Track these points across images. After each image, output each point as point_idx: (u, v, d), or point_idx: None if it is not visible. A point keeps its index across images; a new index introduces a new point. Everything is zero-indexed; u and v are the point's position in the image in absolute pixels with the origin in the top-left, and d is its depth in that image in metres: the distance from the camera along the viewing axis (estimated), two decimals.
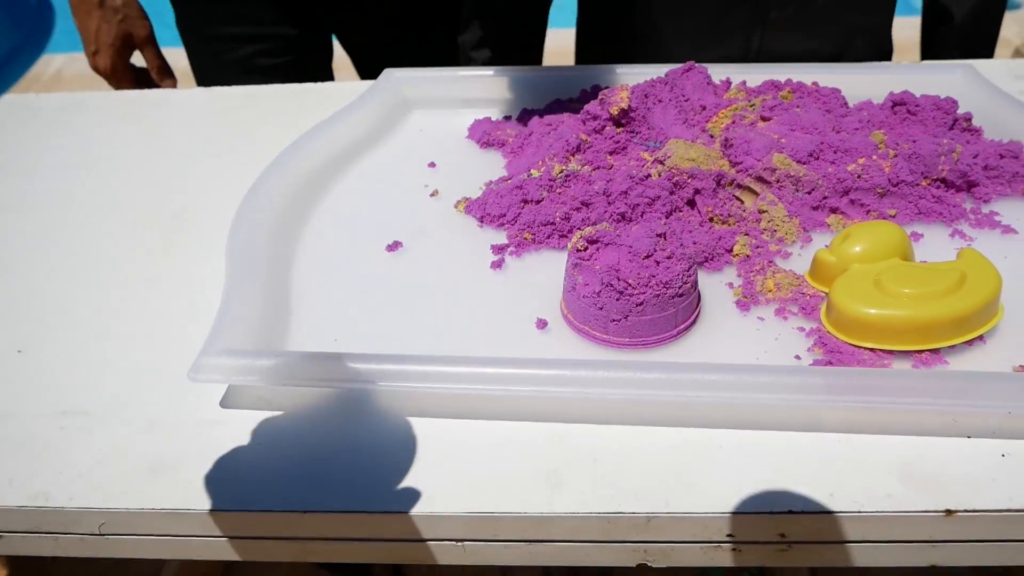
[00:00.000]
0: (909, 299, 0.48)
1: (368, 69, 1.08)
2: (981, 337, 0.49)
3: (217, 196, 0.70)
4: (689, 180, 0.60)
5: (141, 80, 0.97)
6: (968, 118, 0.68)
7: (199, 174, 0.74)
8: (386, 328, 0.54)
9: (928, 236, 0.59)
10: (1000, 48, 3.01)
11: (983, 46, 0.90)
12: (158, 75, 0.95)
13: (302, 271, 0.60)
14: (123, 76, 0.93)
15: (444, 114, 0.80)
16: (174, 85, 0.97)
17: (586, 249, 0.52)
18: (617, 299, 0.49)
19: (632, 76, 0.77)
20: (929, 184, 0.61)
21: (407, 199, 0.67)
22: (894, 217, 0.60)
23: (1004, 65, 0.83)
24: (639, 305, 0.49)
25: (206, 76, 1.00)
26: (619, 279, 0.49)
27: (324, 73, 1.05)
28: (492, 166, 0.71)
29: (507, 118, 0.78)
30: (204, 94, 0.90)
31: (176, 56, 1.01)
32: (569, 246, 0.52)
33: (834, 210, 0.60)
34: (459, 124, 0.77)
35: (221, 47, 0.96)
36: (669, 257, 0.50)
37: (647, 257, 0.50)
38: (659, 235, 0.51)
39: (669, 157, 0.61)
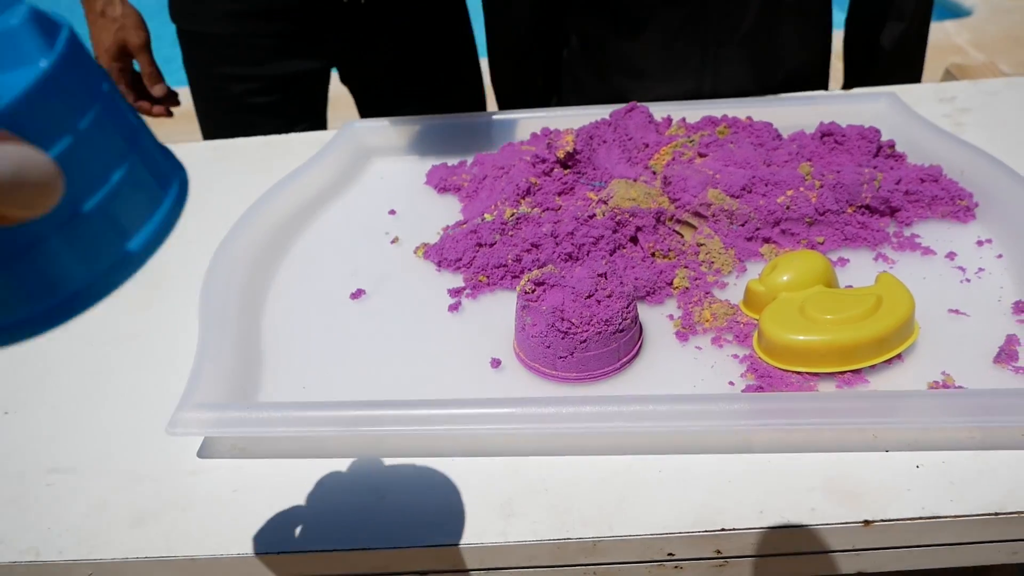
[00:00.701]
0: (831, 325, 0.52)
1: (371, 108, 1.12)
2: (899, 356, 0.53)
3: (189, 251, 0.74)
4: (630, 218, 0.64)
5: (136, 84, 1.02)
6: (891, 145, 0.73)
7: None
8: (352, 374, 0.58)
9: (854, 260, 0.63)
10: (948, 53, 3.10)
11: (911, 72, 0.95)
12: (149, 80, 1.00)
13: (272, 323, 0.63)
14: (119, 78, 1.00)
15: (403, 161, 0.84)
16: (164, 92, 1.01)
17: (534, 291, 0.56)
18: (562, 338, 0.53)
19: (578, 118, 0.81)
20: (854, 211, 0.65)
21: (370, 247, 0.71)
22: (822, 244, 0.64)
23: (931, 89, 0.88)
24: (583, 343, 0.53)
25: (206, 113, 1.07)
26: (563, 319, 0.53)
27: (320, 110, 1.10)
28: (449, 210, 0.75)
29: (462, 163, 0.82)
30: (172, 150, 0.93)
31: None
32: (518, 289, 0.56)
33: (767, 240, 0.65)
34: (418, 170, 0.81)
35: (220, 85, 1.02)
36: (609, 296, 0.54)
37: (588, 297, 0.54)
38: (600, 275, 0.55)
39: (612, 197, 0.66)
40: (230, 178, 0.85)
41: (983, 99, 0.86)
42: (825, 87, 0.97)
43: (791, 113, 0.80)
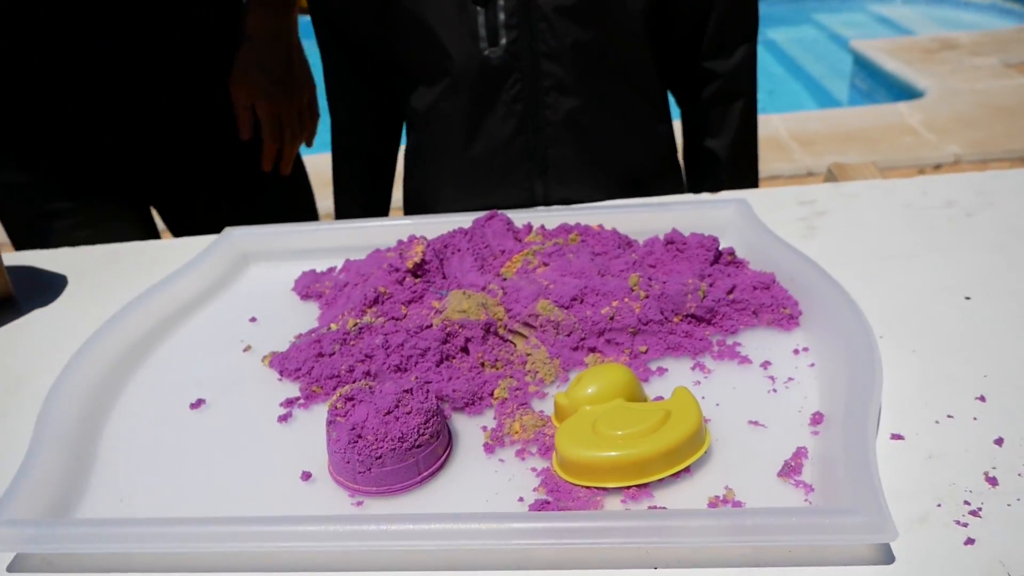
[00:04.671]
0: (618, 440, 0.54)
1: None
2: (687, 469, 0.55)
3: (53, 360, 0.76)
4: (460, 329, 0.67)
5: None
6: (731, 252, 0.76)
7: (43, 339, 0.80)
8: (173, 486, 0.59)
9: (673, 369, 0.65)
10: (902, 134, 3.18)
11: (748, 176, 1.04)
12: None
13: (111, 437, 0.65)
14: None
15: (278, 267, 0.87)
16: None
17: (343, 407, 0.58)
18: (359, 453, 0.54)
19: (445, 225, 0.85)
20: (681, 320, 0.68)
21: (221, 356, 0.73)
22: (645, 353, 0.66)
23: (792, 193, 0.92)
24: (378, 458, 0.54)
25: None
26: (360, 436, 0.55)
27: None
28: (307, 318, 0.78)
29: (331, 269, 0.84)
30: (61, 253, 0.97)
31: None
32: (328, 404, 0.58)
33: (592, 349, 0.67)
34: (290, 277, 0.84)
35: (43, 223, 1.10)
36: (408, 412, 0.56)
37: (388, 413, 0.55)
38: (406, 391, 0.57)
39: (446, 309, 0.68)
40: (111, 283, 0.88)
41: (841, 201, 0.89)
42: (679, 189, 1.03)
43: (644, 219, 0.83)
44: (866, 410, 0.55)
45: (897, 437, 0.56)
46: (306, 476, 0.58)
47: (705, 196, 0.91)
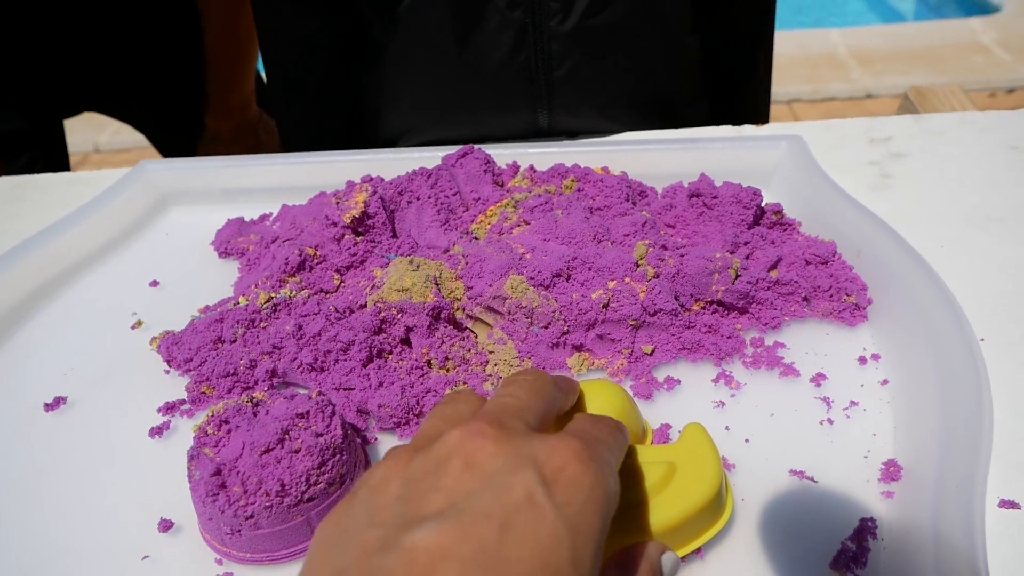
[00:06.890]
0: None
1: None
2: (697, 550, 0.37)
3: None
4: (399, 315, 0.49)
5: None
6: (777, 210, 0.56)
7: None
8: None
9: (688, 382, 0.47)
10: (972, 53, 2.86)
11: (763, 101, 0.85)
12: None
13: None
14: None
15: (201, 211, 0.69)
16: None
17: (215, 433, 0.41)
18: (223, 509, 0.38)
19: (411, 161, 0.66)
20: (702, 308, 0.49)
21: (104, 333, 0.57)
22: (650, 355, 0.48)
23: (862, 125, 0.71)
24: (249, 517, 0.38)
25: None
26: (224, 485, 0.38)
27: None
28: (223, 284, 0.60)
29: (265, 216, 0.67)
30: None
31: None
32: (194, 428, 0.41)
33: (577, 348, 0.49)
34: (214, 224, 0.67)
35: None
36: (296, 451, 0.39)
37: (266, 452, 0.39)
38: (300, 415, 0.40)
39: (381, 285, 0.50)
40: (7, 225, 0.71)
41: (925, 141, 0.69)
42: (709, 119, 0.82)
43: (666, 159, 0.63)
44: (974, 459, 0.36)
45: (1009, 505, 0.38)
46: (165, 526, 0.42)
47: (748, 129, 0.70)
